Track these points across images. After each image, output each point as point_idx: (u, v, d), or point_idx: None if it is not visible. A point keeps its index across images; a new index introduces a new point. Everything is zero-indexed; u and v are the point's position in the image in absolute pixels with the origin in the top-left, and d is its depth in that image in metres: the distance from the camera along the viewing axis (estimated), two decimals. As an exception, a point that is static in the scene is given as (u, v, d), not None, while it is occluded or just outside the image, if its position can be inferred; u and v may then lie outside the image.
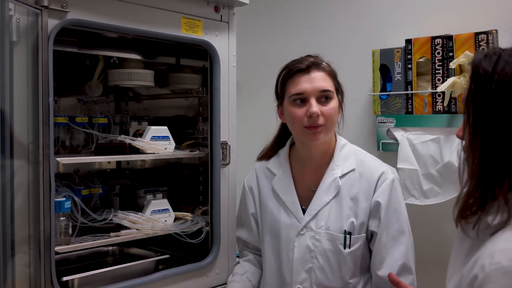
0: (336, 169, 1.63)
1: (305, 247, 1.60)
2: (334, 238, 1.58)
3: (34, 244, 1.45)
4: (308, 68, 1.60)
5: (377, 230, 1.57)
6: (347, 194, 1.60)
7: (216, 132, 1.90)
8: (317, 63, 1.61)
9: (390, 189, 1.59)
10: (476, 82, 1.03)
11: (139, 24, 1.68)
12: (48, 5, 1.44)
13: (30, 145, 1.44)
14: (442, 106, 2.01)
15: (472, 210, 1.04)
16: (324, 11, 2.53)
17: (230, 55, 1.94)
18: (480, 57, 1.05)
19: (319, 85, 1.58)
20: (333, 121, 1.61)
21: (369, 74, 2.23)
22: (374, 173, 1.61)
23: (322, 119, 1.57)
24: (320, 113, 1.56)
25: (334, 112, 1.60)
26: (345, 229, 1.57)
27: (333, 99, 1.61)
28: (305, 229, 1.61)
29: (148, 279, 1.73)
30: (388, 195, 1.58)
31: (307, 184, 1.68)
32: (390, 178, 1.60)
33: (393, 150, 2.15)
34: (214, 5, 1.89)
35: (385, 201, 1.57)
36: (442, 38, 2.01)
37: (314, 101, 1.57)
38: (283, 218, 1.67)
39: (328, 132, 1.61)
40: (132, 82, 2.03)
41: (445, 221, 2.09)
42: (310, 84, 1.58)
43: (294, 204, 1.66)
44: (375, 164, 1.65)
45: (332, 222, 1.59)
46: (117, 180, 2.22)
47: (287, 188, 1.69)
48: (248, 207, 1.79)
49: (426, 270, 1.71)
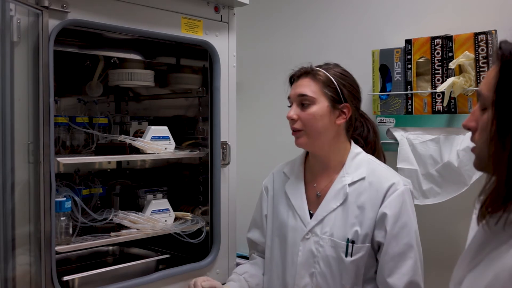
0: (346, 177, 1.61)
1: (309, 251, 1.60)
2: (336, 245, 1.56)
3: (35, 244, 1.45)
4: (298, 76, 1.66)
5: (383, 241, 1.53)
6: (354, 202, 1.58)
7: (216, 132, 1.90)
8: (307, 71, 1.64)
9: (400, 201, 1.54)
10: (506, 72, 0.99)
11: (139, 24, 1.68)
12: (48, 6, 1.44)
13: (30, 145, 1.45)
14: (441, 106, 2.01)
15: (499, 205, 1.00)
16: (324, 11, 2.53)
17: (230, 55, 1.94)
18: (509, 47, 1.00)
19: (298, 91, 1.62)
20: (312, 126, 1.59)
21: (369, 74, 2.24)
22: (384, 183, 1.56)
23: (300, 123, 1.60)
24: (295, 117, 1.61)
25: (311, 118, 1.58)
26: (348, 237, 1.55)
27: (315, 105, 1.58)
28: (310, 234, 1.61)
29: (148, 279, 1.73)
30: (397, 207, 1.54)
31: (315, 188, 1.68)
32: (400, 190, 1.55)
33: (393, 150, 2.15)
34: (214, 5, 1.89)
35: (393, 212, 1.53)
36: (441, 38, 2.02)
37: (293, 106, 1.63)
38: (291, 221, 1.67)
39: (310, 137, 1.61)
40: (132, 82, 2.03)
41: (445, 221, 2.09)
42: (293, 90, 1.65)
43: (303, 208, 1.66)
44: (387, 175, 1.60)
45: (337, 229, 1.58)
46: (117, 180, 2.22)
47: (297, 192, 1.69)
48: (262, 209, 1.80)
49: (426, 270, 1.71)
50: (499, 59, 1.01)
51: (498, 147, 0.98)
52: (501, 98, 0.98)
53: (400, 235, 1.53)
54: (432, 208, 2.04)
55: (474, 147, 1.09)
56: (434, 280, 1.93)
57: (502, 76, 0.99)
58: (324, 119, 1.59)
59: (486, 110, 1.04)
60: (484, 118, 1.04)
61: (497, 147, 0.99)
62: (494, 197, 1.00)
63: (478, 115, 1.07)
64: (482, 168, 1.08)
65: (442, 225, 2.10)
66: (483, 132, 1.04)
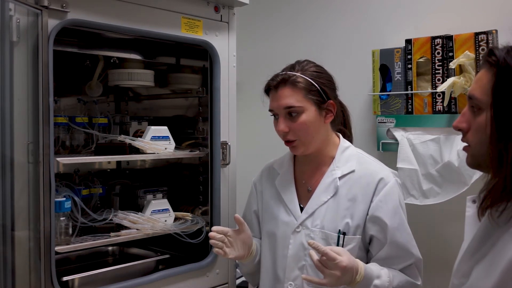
0: (336, 170, 1.64)
1: (299, 244, 1.62)
2: (328, 237, 1.58)
3: (34, 244, 1.45)
4: (276, 86, 1.61)
5: (376, 234, 1.56)
6: (345, 195, 1.60)
7: (216, 132, 1.90)
8: (285, 79, 1.60)
9: (390, 193, 1.58)
10: (503, 77, 1.06)
11: (139, 24, 1.68)
12: (48, 5, 1.44)
13: (30, 145, 1.45)
14: (442, 106, 2.01)
15: (503, 200, 1.08)
16: (324, 11, 2.53)
17: (230, 55, 1.94)
18: (503, 54, 1.08)
19: (283, 103, 1.59)
20: (305, 134, 1.60)
21: (369, 74, 2.23)
22: (375, 176, 1.60)
23: (292, 134, 1.60)
24: (286, 130, 1.59)
25: (303, 127, 1.59)
26: (339, 229, 1.58)
27: (303, 113, 1.58)
28: (301, 227, 1.63)
29: (148, 279, 1.73)
30: (388, 200, 1.57)
31: (304, 183, 1.71)
32: (391, 182, 1.60)
33: (393, 150, 2.15)
34: (214, 5, 1.89)
35: (386, 207, 1.56)
36: (442, 38, 2.01)
37: (281, 119, 1.61)
38: (282, 215, 1.68)
39: (306, 144, 1.62)
40: (132, 82, 2.03)
41: (445, 221, 2.09)
42: (276, 102, 1.61)
43: (293, 202, 1.68)
44: (376, 167, 1.64)
45: (328, 222, 1.60)
46: (117, 180, 2.22)
47: (287, 187, 1.71)
48: (251, 204, 1.82)
49: (426, 270, 1.71)
50: (493, 65, 1.09)
51: (499, 147, 1.06)
52: (499, 101, 1.07)
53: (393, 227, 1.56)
54: (432, 208, 2.03)
55: (467, 146, 1.17)
56: (434, 279, 1.92)
57: (499, 81, 1.07)
58: (315, 124, 1.60)
59: (479, 112, 1.11)
60: (479, 120, 1.11)
61: (497, 147, 1.06)
62: (497, 192, 1.07)
63: (469, 116, 1.15)
64: (476, 166, 1.17)
65: (442, 225, 2.10)
66: (477, 133, 1.12)
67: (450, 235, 2.07)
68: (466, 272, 1.15)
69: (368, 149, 2.12)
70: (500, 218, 1.08)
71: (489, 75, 1.09)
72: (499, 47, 1.12)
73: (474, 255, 1.15)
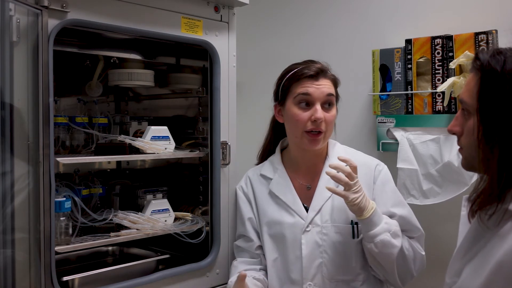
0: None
1: (313, 243, 1.63)
2: (341, 230, 1.62)
3: (34, 244, 1.45)
4: (317, 75, 1.65)
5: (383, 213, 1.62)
6: None
7: (216, 132, 1.90)
8: (324, 71, 1.67)
9: (386, 177, 1.72)
10: (488, 81, 1.07)
11: (139, 24, 1.68)
12: (48, 5, 1.44)
13: (30, 145, 1.44)
14: (442, 106, 2.01)
15: (491, 203, 1.09)
16: (324, 11, 2.53)
17: (230, 55, 1.94)
18: (487, 57, 1.08)
19: (326, 90, 1.64)
20: (331, 128, 1.68)
21: (369, 74, 2.23)
22: (370, 164, 1.71)
23: (324, 125, 1.63)
24: (324, 118, 1.62)
25: (333, 119, 1.68)
26: (351, 219, 1.61)
27: (335, 107, 1.69)
28: (310, 226, 1.64)
29: (148, 279, 1.73)
30: (386, 183, 1.70)
31: (301, 183, 1.73)
32: (385, 167, 1.74)
33: (393, 150, 2.15)
34: (214, 5, 1.89)
35: (388, 187, 1.69)
36: (442, 38, 2.01)
37: (319, 106, 1.63)
38: (286, 218, 1.68)
39: (326, 139, 1.69)
40: (132, 82, 2.03)
41: (444, 221, 2.09)
42: (317, 89, 1.64)
43: (296, 203, 1.69)
44: (366, 157, 1.77)
45: (337, 215, 1.63)
46: (117, 180, 2.22)
47: (286, 189, 1.72)
48: (244, 213, 1.81)
49: (426, 269, 1.71)
50: (478, 69, 1.09)
51: (486, 151, 1.08)
52: (484, 106, 1.08)
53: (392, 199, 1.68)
54: (432, 208, 2.03)
55: (461, 149, 1.20)
56: (434, 279, 1.92)
57: (483, 85, 1.08)
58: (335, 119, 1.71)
59: (469, 116, 1.13)
60: (469, 123, 1.13)
61: (485, 151, 1.08)
62: (486, 195, 1.09)
63: (462, 120, 1.16)
64: (470, 167, 1.20)
65: (442, 225, 2.10)
66: (468, 136, 1.14)
67: (451, 235, 2.07)
68: (458, 271, 1.17)
69: (368, 149, 2.13)
70: (489, 222, 1.10)
71: (475, 79, 1.11)
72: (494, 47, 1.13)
73: (466, 255, 1.16)
